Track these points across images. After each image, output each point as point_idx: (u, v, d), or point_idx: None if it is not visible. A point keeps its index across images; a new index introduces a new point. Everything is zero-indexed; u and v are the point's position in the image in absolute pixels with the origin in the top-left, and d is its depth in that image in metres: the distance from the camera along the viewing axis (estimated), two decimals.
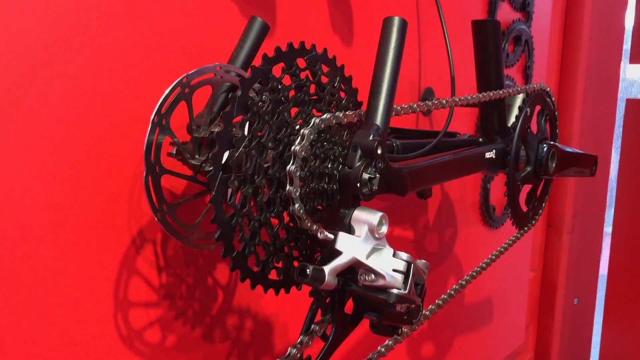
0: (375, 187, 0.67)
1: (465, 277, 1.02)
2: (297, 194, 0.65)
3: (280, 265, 0.70)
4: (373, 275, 0.64)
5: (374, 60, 0.74)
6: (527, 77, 1.78)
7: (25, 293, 0.70)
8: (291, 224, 0.69)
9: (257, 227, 0.65)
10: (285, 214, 0.69)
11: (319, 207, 0.69)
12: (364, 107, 0.75)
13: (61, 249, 0.73)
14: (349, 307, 0.75)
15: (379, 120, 0.68)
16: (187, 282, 0.90)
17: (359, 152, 0.67)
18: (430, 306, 0.99)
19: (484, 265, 1.07)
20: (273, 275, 0.71)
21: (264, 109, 0.64)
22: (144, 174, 0.71)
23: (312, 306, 0.71)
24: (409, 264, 0.65)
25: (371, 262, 0.64)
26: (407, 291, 0.65)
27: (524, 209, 1.20)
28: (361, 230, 0.66)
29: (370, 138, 0.67)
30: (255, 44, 0.79)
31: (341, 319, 0.73)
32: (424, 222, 1.46)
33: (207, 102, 0.78)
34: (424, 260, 0.70)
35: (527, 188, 1.21)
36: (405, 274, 0.65)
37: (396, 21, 0.71)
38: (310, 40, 0.72)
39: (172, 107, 0.72)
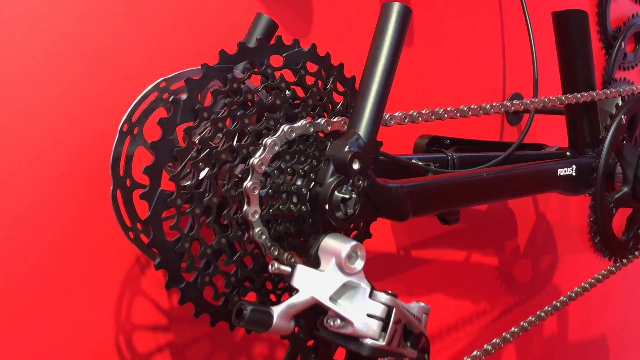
0: (350, 210, 0.54)
1: (531, 317, 0.85)
2: (257, 216, 0.54)
3: (252, 298, 0.59)
4: (339, 321, 0.51)
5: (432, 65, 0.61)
6: None
7: (17, 315, 0.66)
8: (256, 251, 0.58)
9: (210, 254, 0.55)
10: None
11: (288, 232, 0.57)
12: None
13: (53, 264, 0.68)
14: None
15: (362, 128, 0.55)
16: None
17: (331, 166, 0.54)
18: (496, 339, 0.81)
19: (558, 304, 0.88)
20: None
21: (220, 114, 0.54)
22: (111, 189, 0.64)
23: (288, 351, 0.59)
24: (389, 308, 0.51)
25: (339, 305, 0.51)
26: (385, 342, 0.51)
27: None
28: (327, 263, 0.53)
29: (345, 149, 0.53)
30: None
31: None
32: (512, 247, 1.28)
33: None
34: (422, 304, 0.55)
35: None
36: (385, 320, 0.51)
37: (395, 7, 0.57)
38: (356, 42, 0.61)
39: (147, 114, 0.65)
